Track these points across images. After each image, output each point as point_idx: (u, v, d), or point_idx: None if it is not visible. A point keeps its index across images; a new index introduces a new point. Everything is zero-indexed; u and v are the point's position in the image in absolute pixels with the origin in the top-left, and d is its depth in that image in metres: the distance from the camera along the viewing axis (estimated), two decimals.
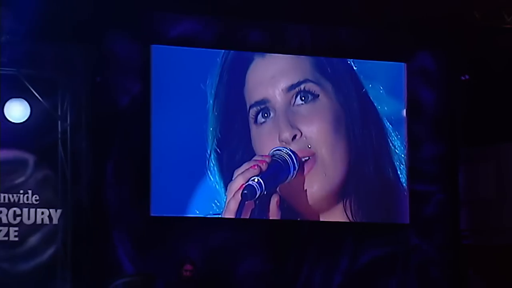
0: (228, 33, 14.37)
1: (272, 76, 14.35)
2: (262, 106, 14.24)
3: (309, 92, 14.37)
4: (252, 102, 14.25)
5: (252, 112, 14.23)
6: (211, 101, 14.15)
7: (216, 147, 14.15)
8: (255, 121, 14.27)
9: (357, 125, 14.60)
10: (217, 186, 14.06)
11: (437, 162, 15.10)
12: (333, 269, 14.59)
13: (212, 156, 14.13)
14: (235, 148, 14.25)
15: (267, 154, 14.05)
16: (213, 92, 14.22)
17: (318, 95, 14.39)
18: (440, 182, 15.10)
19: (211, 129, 14.13)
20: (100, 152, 13.79)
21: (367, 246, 14.70)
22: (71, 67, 13.76)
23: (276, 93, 14.26)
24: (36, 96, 13.43)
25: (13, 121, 13.36)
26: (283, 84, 14.31)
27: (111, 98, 13.89)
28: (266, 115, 14.25)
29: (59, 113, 13.71)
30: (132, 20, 13.75)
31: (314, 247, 14.52)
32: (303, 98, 14.31)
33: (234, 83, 14.34)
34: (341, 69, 14.71)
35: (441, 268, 14.94)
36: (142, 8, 13.50)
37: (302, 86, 14.33)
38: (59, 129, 13.69)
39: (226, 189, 13.96)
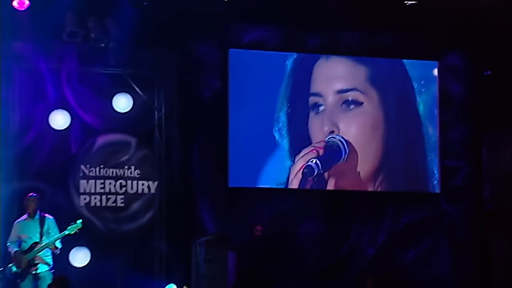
0: (291, 38, 14.48)
1: (328, 78, 14.50)
2: (317, 98, 14.38)
3: (354, 100, 14.45)
4: (311, 92, 14.41)
5: (311, 100, 14.38)
6: (282, 91, 14.33)
7: (283, 129, 14.29)
8: (312, 109, 14.40)
9: (395, 124, 14.64)
10: (284, 161, 14.24)
11: (464, 143, 15.13)
12: (378, 230, 14.70)
13: (279, 136, 14.28)
14: (299, 131, 14.34)
15: (315, 139, 14.25)
16: (285, 84, 14.38)
17: (362, 103, 14.50)
18: (467, 159, 15.13)
19: (280, 114, 14.31)
20: (188, 136, 14.06)
21: (405, 211, 14.76)
22: (165, 68, 14.03)
23: (329, 92, 14.40)
24: (137, 91, 13.84)
25: (119, 111, 13.73)
26: (336, 87, 14.44)
27: (196, 93, 14.16)
28: (319, 106, 14.39)
29: (155, 104, 14.04)
30: (213, 30, 13.91)
31: (362, 212, 14.63)
32: (349, 105, 14.43)
33: (303, 76, 14.45)
34: (390, 72, 14.78)
35: (467, 229, 14.99)
36: (221, 19, 13.61)
37: (349, 93, 14.43)
38: (155, 118, 14.03)
39: (292, 163, 14.20)
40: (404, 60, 14.83)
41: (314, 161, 14.11)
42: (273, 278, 13.35)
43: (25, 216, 11.99)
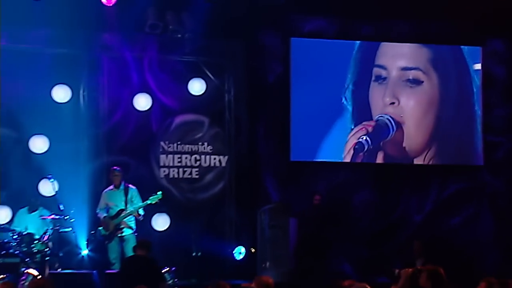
0: (346, 27, 14.43)
1: (394, 55, 14.46)
2: (382, 70, 14.34)
3: (416, 79, 14.40)
4: (376, 63, 14.39)
5: (375, 71, 14.35)
6: (351, 65, 14.32)
7: (349, 96, 14.32)
8: (376, 79, 14.37)
9: (449, 105, 14.55)
10: (343, 133, 14.28)
11: (505, 120, 14.94)
12: (425, 199, 14.59)
13: (346, 102, 14.30)
14: (361, 98, 14.35)
15: (374, 107, 14.30)
16: (353, 58, 14.37)
17: (423, 82, 14.43)
18: (508, 135, 14.93)
19: (350, 84, 14.30)
20: (254, 115, 14.25)
21: (451, 182, 14.65)
22: (234, 55, 14.20)
23: (393, 67, 14.37)
24: (210, 76, 14.03)
25: (194, 94, 13.93)
26: (400, 63, 14.42)
27: (261, 77, 14.25)
28: (382, 78, 14.35)
29: (226, 88, 14.25)
30: (276, 21, 14.00)
31: (410, 183, 14.54)
32: (411, 82, 14.39)
33: (369, 49, 14.45)
34: (450, 56, 14.65)
35: (507, 198, 14.78)
36: (283, 11, 13.65)
37: (412, 71, 14.40)
38: (226, 99, 14.25)
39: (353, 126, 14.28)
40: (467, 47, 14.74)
41: (364, 138, 14.16)
42: (330, 242, 13.33)
43: (111, 187, 12.39)
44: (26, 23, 12.61)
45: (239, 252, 13.66)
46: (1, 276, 10.70)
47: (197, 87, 13.99)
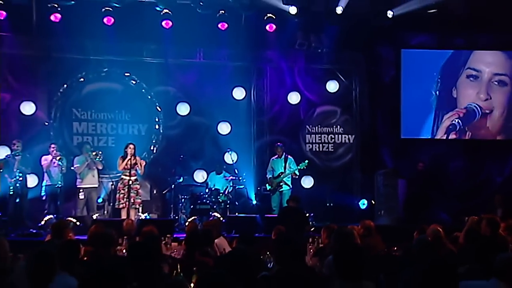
0: (443, 40, 14.38)
1: (489, 62, 14.29)
2: (475, 72, 14.18)
3: (503, 81, 14.24)
4: (470, 66, 14.21)
5: (467, 71, 14.18)
6: (447, 67, 14.16)
7: (437, 92, 14.24)
8: (467, 76, 14.18)
9: None
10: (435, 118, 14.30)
11: None
12: (504, 166, 14.43)
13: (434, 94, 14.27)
14: (447, 89, 14.23)
15: (464, 98, 14.19)
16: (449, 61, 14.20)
17: (507, 84, 14.23)
18: None
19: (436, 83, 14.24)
20: (374, 106, 14.55)
21: None
22: (358, 63, 14.50)
23: (486, 71, 14.23)
24: (341, 79, 14.46)
25: (330, 91, 14.40)
26: (492, 69, 14.25)
27: (379, 78, 14.54)
28: (475, 77, 14.22)
29: (353, 86, 14.59)
30: (390, 37, 14.13)
31: (492, 154, 14.37)
32: (499, 83, 14.23)
33: (461, 57, 14.27)
34: None
35: None
36: (394, 29, 13.66)
37: (501, 76, 14.22)
38: (353, 95, 14.61)
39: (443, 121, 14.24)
40: None
41: (456, 121, 14.15)
42: (430, 197, 13.11)
43: (276, 156, 12.86)
44: (215, 45, 13.29)
45: (363, 203, 13.92)
46: (194, 217, 11.63)
47: (332, 86, 14.38)
